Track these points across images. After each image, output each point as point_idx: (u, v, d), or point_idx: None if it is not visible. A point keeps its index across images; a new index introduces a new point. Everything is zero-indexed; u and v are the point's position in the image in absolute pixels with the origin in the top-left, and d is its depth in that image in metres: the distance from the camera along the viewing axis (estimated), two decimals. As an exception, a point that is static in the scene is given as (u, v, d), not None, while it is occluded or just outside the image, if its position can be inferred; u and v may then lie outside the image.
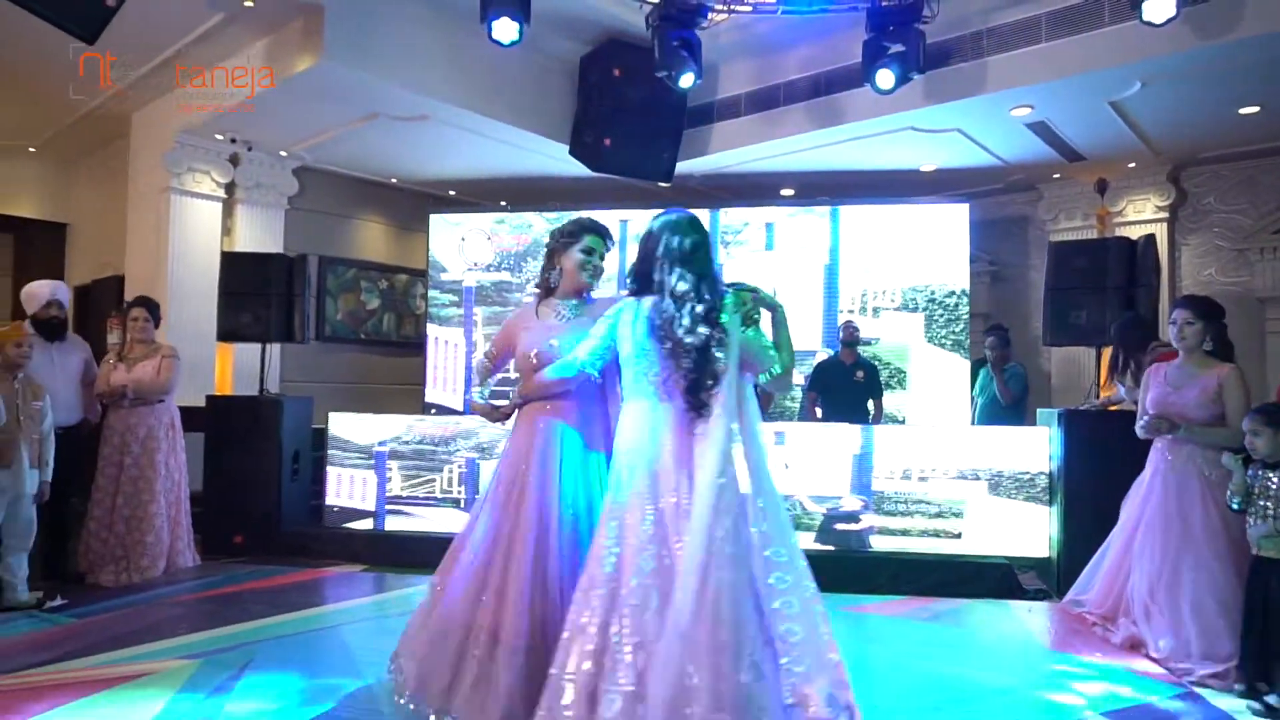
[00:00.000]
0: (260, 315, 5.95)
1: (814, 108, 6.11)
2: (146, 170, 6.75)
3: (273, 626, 3.83)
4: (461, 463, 5.57)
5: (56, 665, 3.25)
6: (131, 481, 4.89)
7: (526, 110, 6.31)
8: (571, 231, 2.87)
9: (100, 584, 4.72)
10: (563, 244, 2.87)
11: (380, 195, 8.12)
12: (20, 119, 7.09)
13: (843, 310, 7.00)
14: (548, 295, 2.93)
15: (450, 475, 5.56)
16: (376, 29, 5.29)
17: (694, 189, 7.47)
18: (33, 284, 4.90)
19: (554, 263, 2.90)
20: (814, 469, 5.19)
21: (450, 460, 5.60)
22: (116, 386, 4.89)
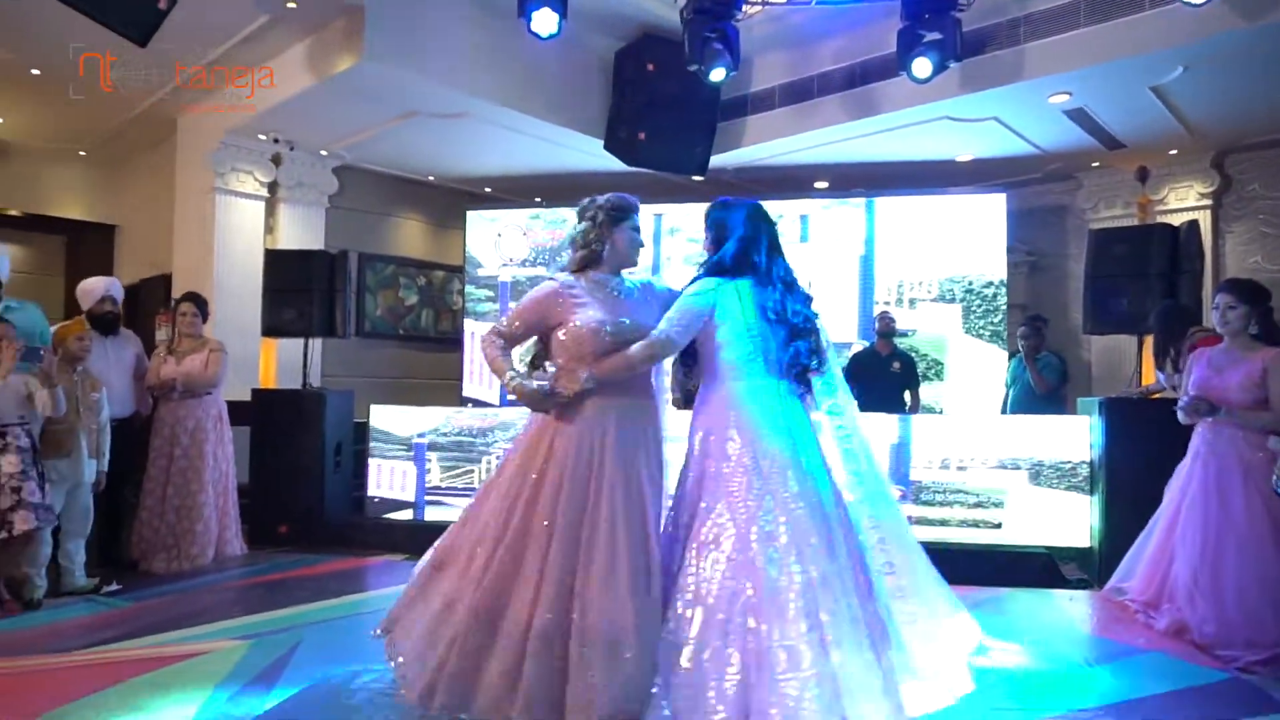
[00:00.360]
0: (303, 311, 6.08)
1: (848, 99, 6.09)
2: (192, 171, 6.92)
3: (319, 611, 3.93)
4: (499, 454, 5.65)
5: (114, 645, 3.37)
6: (181, 472, 5.03)
7: (562, 106, 6.37)
8: (622, 208, 2.79)
9: (152, 571, 4.87)
10: (614, 219, 2.76)
11: (418, 193, 8.24)
12: (70, 124, 7.30)
13: (878, 302, 6.98)
14: (586, 269, 2.77)
15: (489, 466, 5.64)
16: (416, 27, 5.38)
17: (728, 182, 7.48)
18: (87, 280, 5.06)
19: (603, 237, 2.75)
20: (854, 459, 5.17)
21: (488, 451, 5.68)
22: (166, 379, 5.04)
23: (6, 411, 3.96)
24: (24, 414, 4.03)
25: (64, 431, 4.33)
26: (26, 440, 4.01)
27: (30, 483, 3.93)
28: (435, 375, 8.15)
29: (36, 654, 3.24)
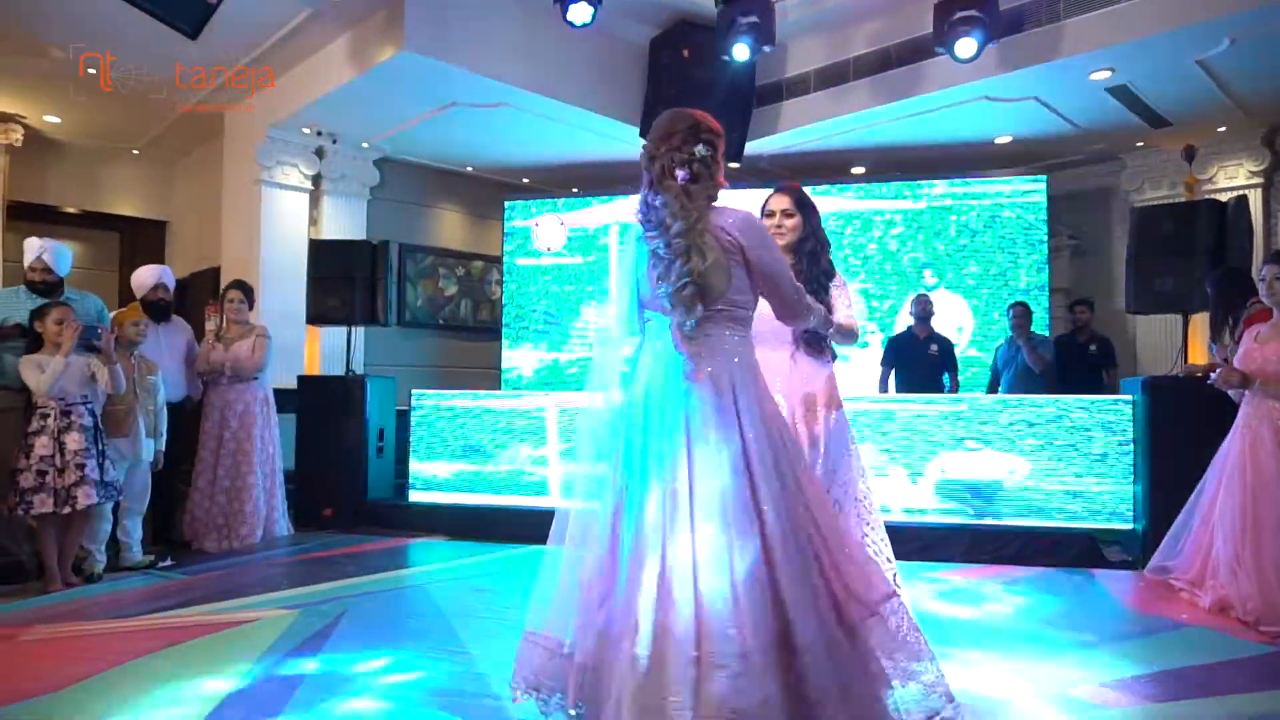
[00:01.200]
0: (346, 299, 6.23)
1: (884, 81, 6.05)
2: (239, 165, 7.11)
3: (364, 584, 4.04)
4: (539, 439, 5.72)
5: (170, 612, 3.51)
6: (230, 455, 5.19)
7: (598, 94, 6.42)
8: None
9: (204, 550, 5.04)
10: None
11: (456, 184, 8.35)
12: (123, 123, 7.53)
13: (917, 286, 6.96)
14: None
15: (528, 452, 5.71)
16: (455, 18, 5.46)
17: (763, 169, 7.47)
18: (141, 269, 5.24)
19: None
20: (889, 440, 5.16)
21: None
22: (215, 364, 5.20)
23: (71, 391, 4.13)
24: (87, 393, 4.20)
25: (123, 411, 4.51)
26: (90, 419, 4.18)
27: (92, 460, 4.10)
28: (474, 364, 8.26)
29: (97, 619, 3.38)
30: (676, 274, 2.00)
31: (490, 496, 5.74)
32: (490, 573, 4.43)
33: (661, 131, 2.16)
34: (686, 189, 2.08)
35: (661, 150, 2.12)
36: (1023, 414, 5.04)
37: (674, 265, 2.01)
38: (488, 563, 4.68)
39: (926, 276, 7.17)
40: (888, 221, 7.22)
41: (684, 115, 2.17)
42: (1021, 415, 5.05)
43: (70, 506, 4.00)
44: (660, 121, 2.19)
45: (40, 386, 4.04)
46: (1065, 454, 4.95)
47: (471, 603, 3.71)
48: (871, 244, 7.25)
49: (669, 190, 2.07)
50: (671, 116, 2.18)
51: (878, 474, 5.07)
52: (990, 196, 6.94)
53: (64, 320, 4.16)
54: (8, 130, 7.29)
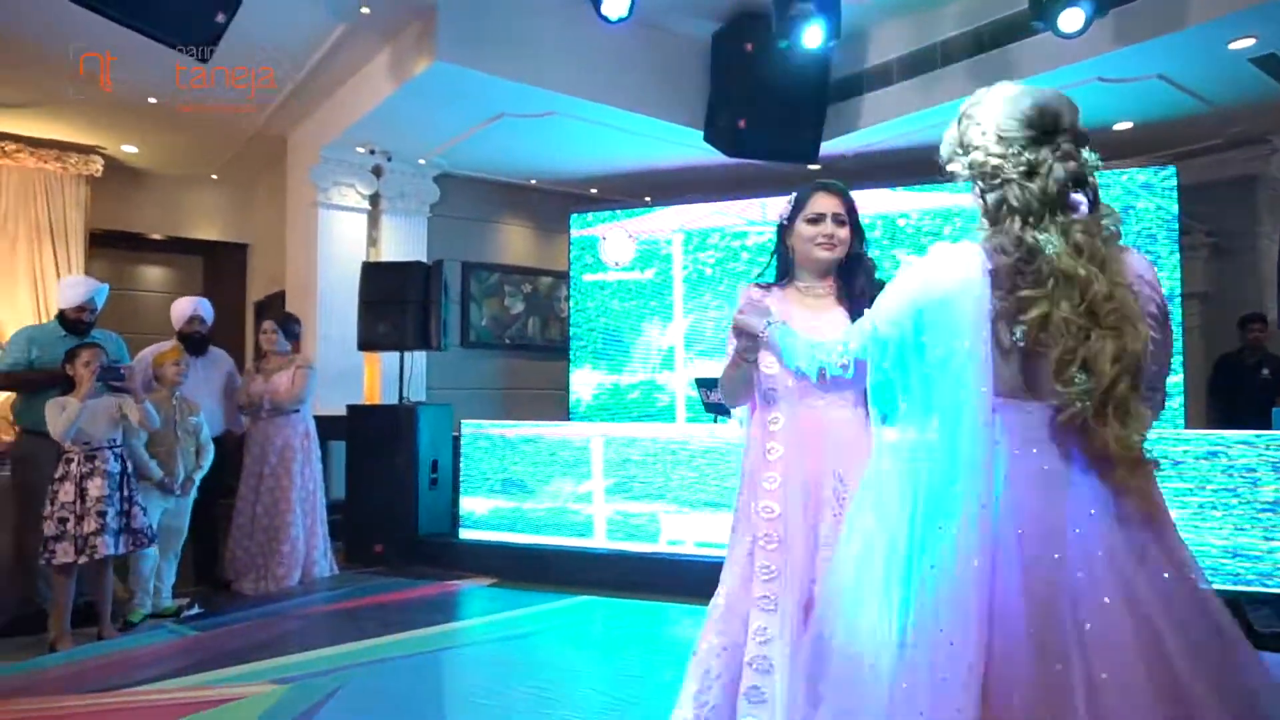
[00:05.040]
0: (397, 324, 5.97)
1: (978, 66, 5.32)
2: (299, 187, 7.01)
3: (373, 649, 3.68)
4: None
5: (155, 684, 3.23)
6: (269, 491, 4.99)
7: (659, 98, 5.94)
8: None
9: (242, 592, 4.85)
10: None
11: (520, 198, 8.04)
12: (199, 149, 7.58)
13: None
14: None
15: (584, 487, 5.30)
16: (491, 25, 5.11)
17: (847, 169, 6.80)
18: (178, 301, 5.11)
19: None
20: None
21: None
22: (254, 396, 5.01)
23: (96, 434, 3.96)
24: (115, 436, 4.04)
25: (164, 454, 4.35)
26: (117, 465, 4.00)
27: (113, 508, 3.92)
28: (542, 385, 7.93)
29: (75, 692, 3.15)
30: (1102, 359, 1.36)
31: (540, 537, 5.35)
32: (523, 634, 4.03)
33: (1025, 118, 1.46)
34: (1093, 223, 1.44)
35: (1028, 155, 1.45)
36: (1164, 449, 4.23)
37: (1089, 345, 1.38)
38: (524, 619, 4.28)
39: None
40: (990, 221, 6.41)
41: (1059, 99, 1.50)
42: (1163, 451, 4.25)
43: (89, 556, 3.83)
44: (1015, 102, 1.49)
45: (57, 430, 3.89)
46: (1223, 500, 4.13)
47: (486, 680, 3.30)
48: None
49: (1070, 228, 1.42)
50: (1036, 97, 1.49)
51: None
52: (1118, 185, 6.04)
53: (91, 362, 4.01)
54: (88, 161, 7.44)
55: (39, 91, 6.12)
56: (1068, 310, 1.39)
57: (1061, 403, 1.40)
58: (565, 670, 3.44)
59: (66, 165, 7.32)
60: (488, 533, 5.52)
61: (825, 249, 2.10)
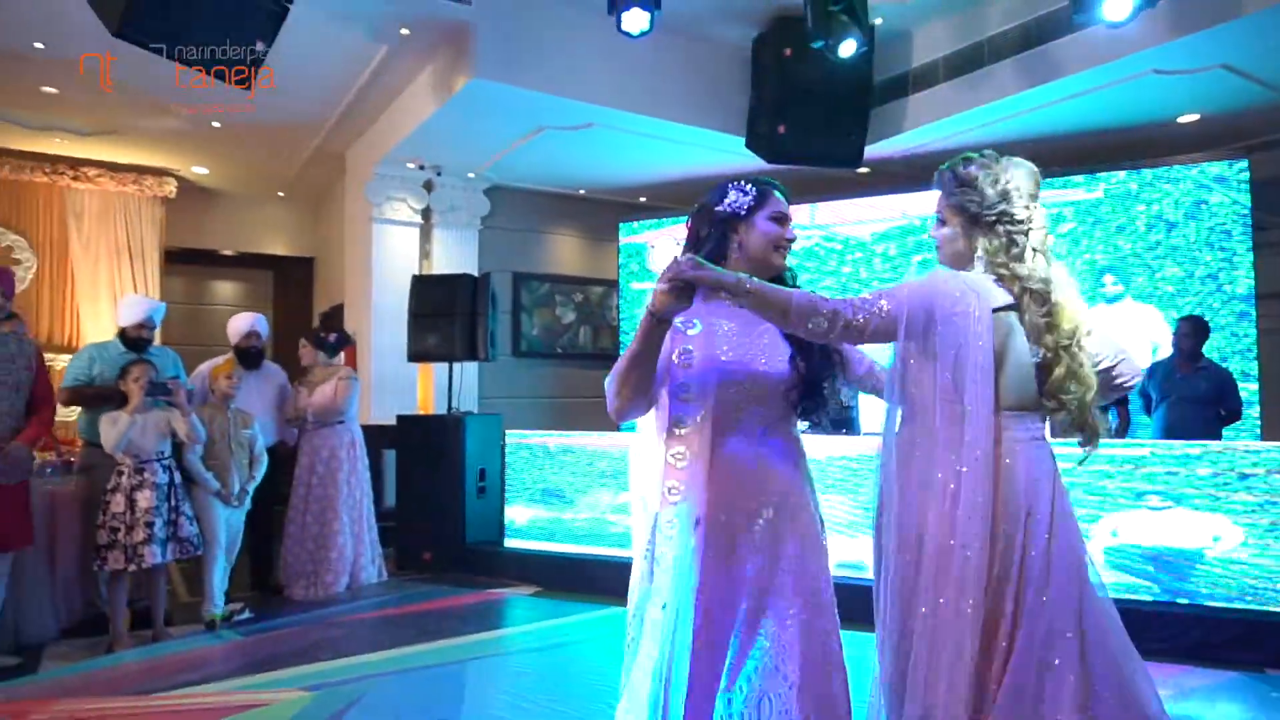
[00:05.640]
0: (446, 335, 6.09)
1: (1026, 62, 5.13)
2: (355, 202, 7.23)
3: (401, 658, 3.77)
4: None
5: (195, 688, 3.38)
6: (318, 500, 5.15)
7: (699, 107, 5.92)
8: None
9: (293, 597, 5.02)
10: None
11: (570, 208, 8.11)
12: (264, 169, 7.90)
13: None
14: None
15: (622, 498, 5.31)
16: (527, 40, 5.18)
17: (895, 172, 6.65)
18: (235, 316, 5.30)
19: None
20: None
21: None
22: (300, 408, 5.19)
23: (146, 447, 4.17)
24: (164, 449, 4.24)
25: (219, 466, 4.54)
26: (165, 476, 4.20)
27: (160, 518, 4.11)
28: (594, 394, 7.93)
29: (118, 695, 3.31)
30: (1085, 372, 1.77)
31: (580, 546, 5.38)
32: (555, 644, 4.06)
33: (1036, 183, 1.88)
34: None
35: (1034, 211, 1.84)
36: (1230, 463, 4.00)
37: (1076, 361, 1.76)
38: (559, 629, 4.31)
39: (1108, 284, 6.04)
40: (1054, 216, 6.14)
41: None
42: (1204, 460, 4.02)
43: (137, 564, 4.02)
44: (1031, 172, 1.88)
45: (109, 443, 4.10)
46: (1249, 513, 3.90)
47: (507, 691, 3.34)
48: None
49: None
50: (1035, 168, 1.90)
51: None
52: (1187, 179, 5.73)
53: (140, 378, 4.22)
54: (162, 183, 7.83)
55: (113, 120, 6.48)
56: (1063, 334, 1.73)
57: (1051, 411, 1.77)
58: (587, 683, 3.44)
59: (143, 187, 7.73)
60: (530, 542, 5.58)
61: (782, 255, 1.92)
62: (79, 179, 7.45)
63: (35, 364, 3.73)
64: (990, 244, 1.80)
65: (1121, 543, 4.18)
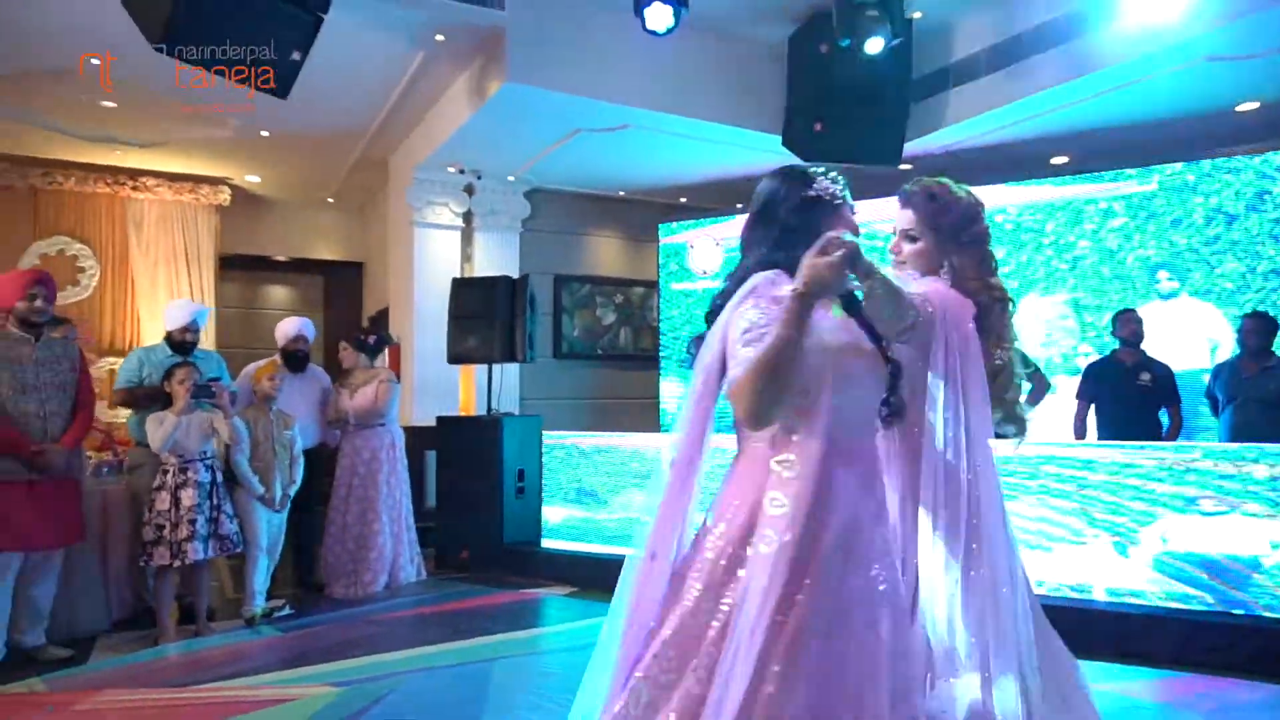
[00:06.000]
0: (485, 337, 6.16)
1: (1071, 52, 4.97)
2: (397, 207, 7.36)
3: (429, 656, 3.82)
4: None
5: (229, 681, 3.47)
6: (358, 500, 5.24)
7: (735, 106, 5.89)
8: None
9: (333, 595, 5.12)
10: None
11: (610, 210, 8.14)
12: (312, 176, 8.10)
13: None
14: None
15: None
16: (559, 44, 5.21)
17: (937, 168, 6.48)
18: (283, 321, 5.43)
19: None
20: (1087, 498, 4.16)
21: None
22: (342, 410, 5.29)
23: (189, 447, 4.30)
24: (206, 449, 4.37)
25: (263, 467, 4.67)
26: (207, 475, 4.33)
27: (203, 515, 4.24)
28: (635, 395, 7.97)
29: (158, 686, 3.43)
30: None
31: (615, 547, 5.38)
32: (582, 645, 4.05)
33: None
34: None
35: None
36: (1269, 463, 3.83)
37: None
38: (589, 630, 4.30)
39: (1162, 280, 5.82)
40: (1104, 211, 5.92)
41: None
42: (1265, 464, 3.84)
43: (181, 560, 4.16)
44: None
45: (155, 443, 4.24)
46: None
47: (531, 691, 3.36)
48: (1082, 241, 6.00)
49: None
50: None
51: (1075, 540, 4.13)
52: (1249, 169, 5.48)
53: (185, 380, 4.36)
54: (217, 192, 8.08)
55: (167, 131, 6.70)
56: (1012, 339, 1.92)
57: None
58: (611, 685, 3.43)
59: (199, 196, 7.98)
60: (565, 542, 5.60)
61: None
62: (139, 189, 7.74)
63: (79, 366, 3.88)
64: (962, 259, 1.93)
65: (1172, 549, 4.02)
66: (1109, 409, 4.92)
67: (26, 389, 3.59)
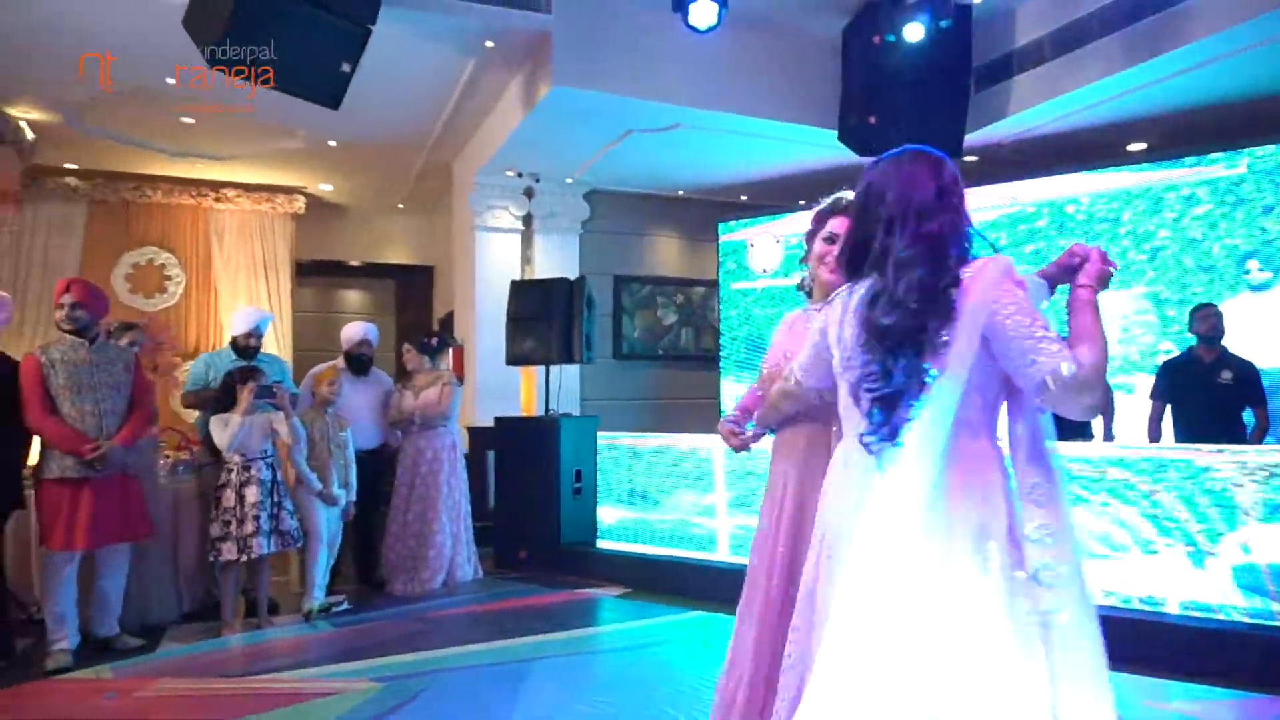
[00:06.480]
0: (543, 338, 6.23)
1: (1145, 30, 4.71)
2: (461, 212, 7.51)
3: (475, 654, 3.88)
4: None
5: (281, 673, 3.61)
6: (419, 500, 5.36)
7: (789, 102, 5.80)
8: (817, 218, 2.27)
9: (394, 592, 5.26)
10: (809, 235, 2.28)
11: (670, 209, 8.11)
12: (381, 183, 8.33)
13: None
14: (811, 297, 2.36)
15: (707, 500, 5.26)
16: (606, 45, 5.22)
17: (1006, 159, 6.26)
18: (348, 325, 5.60)
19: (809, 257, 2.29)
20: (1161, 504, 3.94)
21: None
22: (405, 411, 5.42)
23: (252, 447, 4.49)
24: (266, 448, 4.55)
25: (320, 467, 4.84)
26: (268, 473, 4.52)
27: (265, 512, 4.41)
28: (696, 395, 7.92)
29: (215, 676, 3.59)
30: None
31: (666, 548, 5.37)
32: (627, 647, 4.07)
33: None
34: None
35: None
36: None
37: None
38: (636, 632, 4.32)
39: (1253, 270, 5.45)
40: (1186, 198, 5.59)
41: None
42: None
43: (247, 555, 4.34)
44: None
45: (221, 443, 4.44)
46: None
47: (563, 692, 3.37)
48: (1162, 230, 5.68)
49: None
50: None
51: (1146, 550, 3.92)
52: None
53: (249, 382, 4.54)
54: (292, 200, 8.41)
55: (242, 144, 7.00)
56: None
57: None
58: (647, 688, 3.41)
59: (275, 205, 8.32)
60: (619, 543, 5.61)
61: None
62: (220, 200, 8.11)
63: (133, 368, 4.08)
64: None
65: (1253, 560, 3.76)
66: (1186, 409, 4.64)
67: (83, 389, 3.81)
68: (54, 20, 4.78)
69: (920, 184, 1.67)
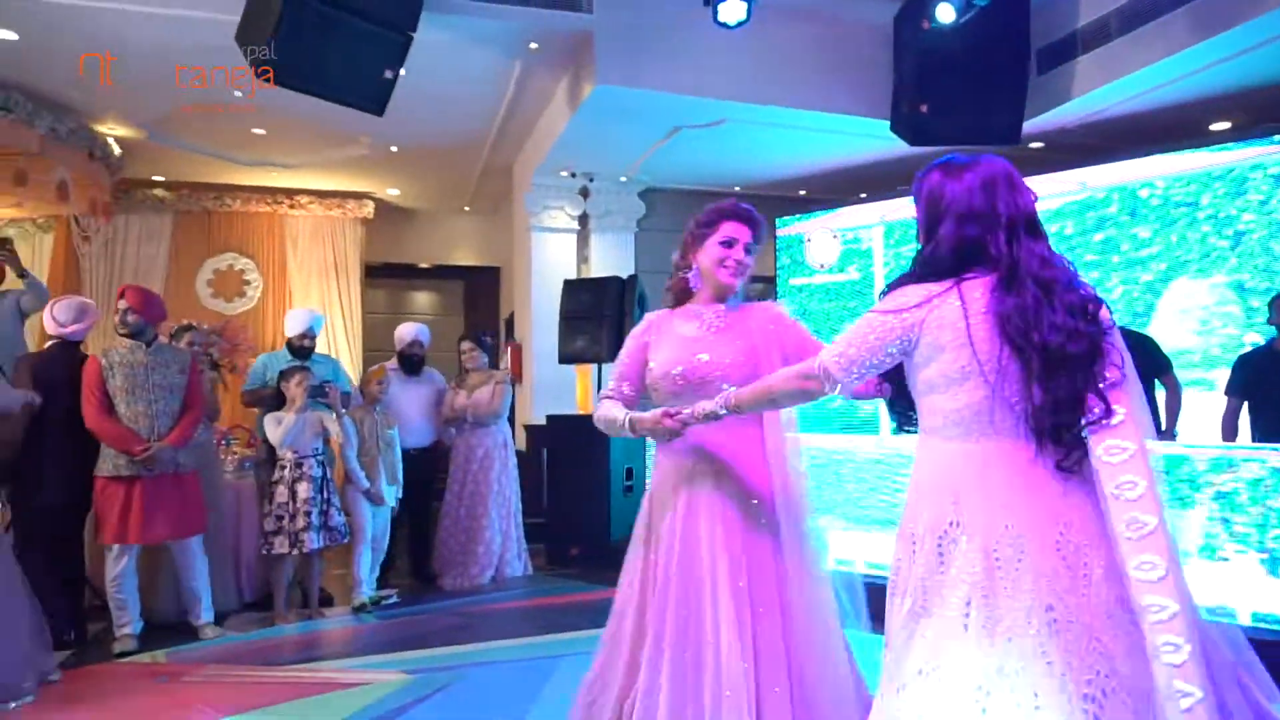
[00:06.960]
0: (594, 336, 6.26)
1: (1210, 6, 4.42)
2: (519, 212, 7.61)
3: (507, 649, 3.93)
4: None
5: (319, 663, 3.73)
6: (470, 496, 5.46)
7: (839, 93, 5.67)
8: (706, 221, 2.33)
9: (444, 587, 5.37)
10: (697, 236, 2.33)
11: (727, 206, 8.02)
12: (445, 186, 8.53)
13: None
14: (681, 302, 2.42)
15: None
16: (649, 42, 5.19)
17: (1072, 145, 5.95)
18: (401, 326, 5.76)
19: (688, 260, 2.35)
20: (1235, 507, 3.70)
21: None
22: (458, 409, 5.53)
23: (303, 444, 4.66)
24: (318, 445, 4.71)
25: (368, 463, 4.99)
26: (319, 470, 4.68)
27: (316, 508, 4.57)
28: (753, 393, 7.81)
29: (255, 664, 3.73)
30: None
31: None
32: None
33: None
34: None
35: None
36: None
37: None
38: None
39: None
40: (1275, 178, 5.20)
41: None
42: None
43: (299, 549, 4.50)
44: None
45: (276, 440, 4.62)
46: None
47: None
48: (1247, 214, 5.28)
49: None
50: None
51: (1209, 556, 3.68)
52: None
53: (302, 382, 4.72)
54: (361, 205, 8.69)
55: (310, 152, 7.27)
56: None
57: None
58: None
59: (345, 210, 8.61)
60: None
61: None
62: (294, 206, 8.44)
63: (188, 370, 4.27)
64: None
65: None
66: (1265, 406, 4.32)
67: (137, 390, 4.01)
68: (132, 43, 4.99)
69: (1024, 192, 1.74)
